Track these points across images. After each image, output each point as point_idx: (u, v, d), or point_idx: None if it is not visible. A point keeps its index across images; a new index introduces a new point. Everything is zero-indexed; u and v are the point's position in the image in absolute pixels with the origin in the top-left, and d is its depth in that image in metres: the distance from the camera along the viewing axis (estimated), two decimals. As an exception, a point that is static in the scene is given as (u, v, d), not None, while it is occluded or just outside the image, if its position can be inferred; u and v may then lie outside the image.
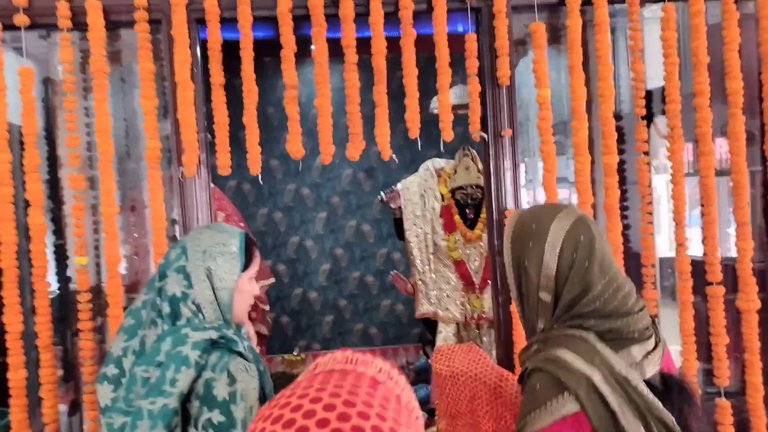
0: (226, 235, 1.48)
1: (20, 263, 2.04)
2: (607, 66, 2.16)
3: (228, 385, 1.34)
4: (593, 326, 1.27)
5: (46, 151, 2.31)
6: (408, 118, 2.13)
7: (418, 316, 3.67)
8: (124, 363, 1.37)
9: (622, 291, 1.30)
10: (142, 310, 1.42)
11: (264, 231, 5.87)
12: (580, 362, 1.22)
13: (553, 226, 1.34)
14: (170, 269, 1.43)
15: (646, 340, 1.30)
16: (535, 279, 1.34)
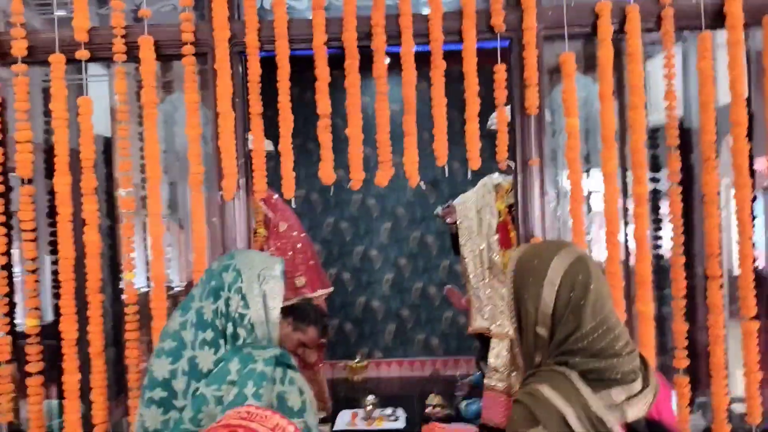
0: (271, 260, 1.59)
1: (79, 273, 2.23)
2: (639, 96, 2.16)
3: (299, 396, 1.47)
4: (577, 364, 1.30)
5: (104, 173, 2.51)
6: (436, 147, 2.20)
7: (471, 332, 3.70)
8: (174, 385, 1.40)
9: (611, 333, 1.32)
10: (182, 332, 1.44)
11: (330, 240, 6.03)
12: (557, 398, 1.25)
13: (553, 263, 1.37)
14: (227, 291, 1.47)
15: (629, 383, 1.32)
16: (534, 314, 1.37)
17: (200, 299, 1.48)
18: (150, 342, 2.30)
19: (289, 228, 3.66)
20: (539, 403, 1.26)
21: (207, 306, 1.47)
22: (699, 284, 2.55)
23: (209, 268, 1.54)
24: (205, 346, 1.43)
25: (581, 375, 1.29)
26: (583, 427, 1.22)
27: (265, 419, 0.75)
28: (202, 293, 1.49)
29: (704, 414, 2.41)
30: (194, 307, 1.47)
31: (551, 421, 1.23)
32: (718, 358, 2.14)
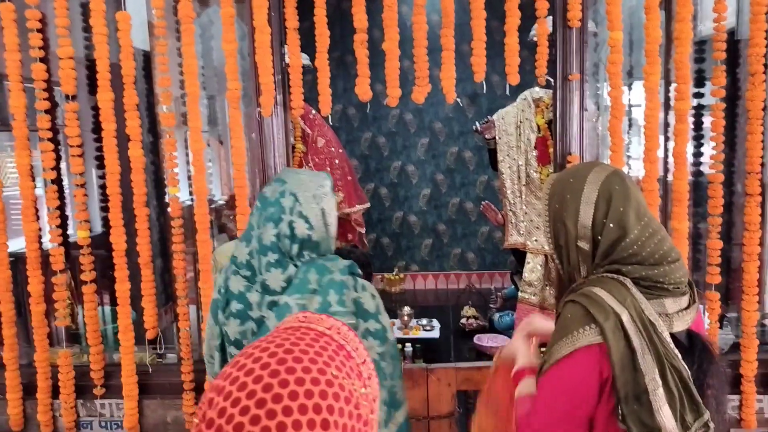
0: (321, 178, 1.65)
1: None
2: (686, 6, 2.07)
3: (372, 300, 1.58)
4: (630, 272, 1.33)
5: (145, 88, 2.55)
6: (474, 62, 2.16)
7: (507, 246, 3.74)
8: (249, 298, 1.53)
9: (657, 235, 1.34)
10: (252, 260, 1.55)
11: (367, 155, 6.06)
12: (611, 300, 1.29)
13: (589, 178, 1.40)
14: (288, 214, 1.55)
15: (680, 295, 1.35)
16: (573, 230, 1.40)
17: (259, 226, 1.55)
18: (195, 253, 2.40)
19: (326, 143, 3.69)
20: (594, 303, 1.30)
21: (266, 231, 1.54)
22: (737, 201, 2.52)
23: (263, 195, 1.60)
24: (271, 267, 1.52)
25: (634, 282, 1.33)
26: (636, 328, 1.27)
27: (320, 321, 0.81)
28: (259, 221, 1.56)
29: (734, 329, 2.44)
30: (255, 235, 1.55)
31: (607, 320, 1.27)
32: (751, 275, 2.15)
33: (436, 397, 2.34)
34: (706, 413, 1.25)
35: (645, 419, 1.24)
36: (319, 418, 0.65)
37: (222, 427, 0.65)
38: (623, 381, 1.26)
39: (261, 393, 0.65)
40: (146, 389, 2.41)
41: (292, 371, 0.68)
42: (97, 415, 2.43)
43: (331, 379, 0.69)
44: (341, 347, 0.76)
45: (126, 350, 2.34)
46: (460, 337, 4.12)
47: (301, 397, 0.66)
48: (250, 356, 0.70)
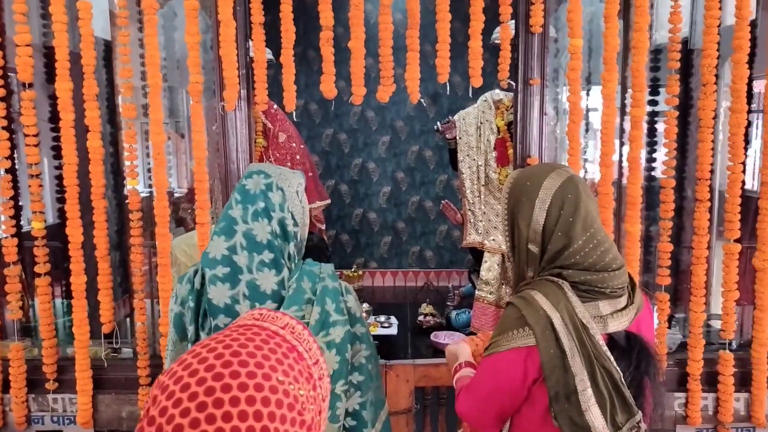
0: (299, 175, 1.60)
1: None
2: (643, 17, 2.14)
3: (356, 302, 1.56)
4: (570, 276, 1.41)
5: (105, 78, 2.50)
6: (438, 63, 2.19)
7: (465, 245, 3.80)
8: (238, 309, 1.40)
9: (601, 247, 1.41)
10: (233, 257, 1.43)
11: (328, 151, 6.06)
12: (545, 303, 1.36)
13: (545, 183, 1.45)
14: (279, 211, 1.46)
15: (617, 297, 1.42)
16: (525, 232, 1.47)
17: (245, 221, 1.44)
18: (153, 246, 2.37)
19: (288, 139, 3.67)
20: (529, 307, 1.38)
21: (259, 227, 1.44)
22: (688, 206, 2.62)
23: (243, 188, 1.49)
24: (264, 267, 1.42)
25: (573, 285, 1.39)
26: (567, 330, 1.33)
27: (275, 319, 0.81)
28: (245, 215, 1.45)
29: (682, 329, 2.53)
30: (240, 230, 1.44)
31: (538, 323, 1.35)
32: (698, 278, 2.24)
33: (395, 393, 2.37)
34: (637, 414, 1.32)
35: (575, 418, 1.31)
36: (259, 425, 0.65)
37: (162, 426, 0.65)
38: (553, 381, 1.33)
39: (203, 396, 0.65)
40: (101, 384, 2.37)
41: (236, 375, 0.68)
42: (49, 410, 2.38)
43: (276, 384, 0.69)
44: (292, 348, 0.76)
45: (80, 344, 2.30)
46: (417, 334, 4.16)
47: (243, 402, 0.66)
48: (197, 356, 0.70)
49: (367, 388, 1.56)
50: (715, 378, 2.29)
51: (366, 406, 1.56)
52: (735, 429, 2.30)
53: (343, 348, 1.46)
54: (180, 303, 1.48)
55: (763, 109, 2.18)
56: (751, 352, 2.27)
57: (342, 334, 1.46)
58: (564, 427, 1.32)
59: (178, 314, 1.48)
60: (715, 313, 2.55)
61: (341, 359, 1.46)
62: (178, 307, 1.48)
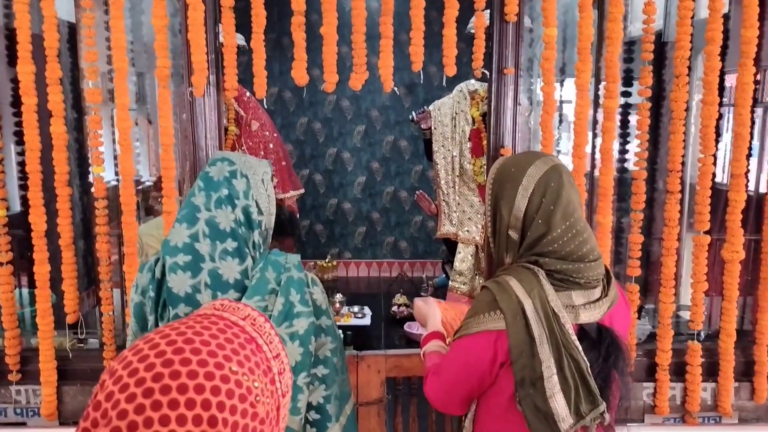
0: (265, 163, 1.56)
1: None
2: (617, 7, 2.13)
3: (322, 295, 1.53)
4: (546, 264, 1.41)
5: (69, 61, 2.43)
6: (412, 52, 2.16)
7: (439, 236, 3.80)
8: (199, 299, 1.37)
9: (579, 237, 1.41)
10: (195, 244, 1.39)
11: (303, 141, 6.00)
12: (519, 289, 1.37)
13: (529, 171, 1.45)
14: (243, 198, 1.43)
15: (591, 288, 1.42)
16: (507, 218, 1.47)
17: (208, 209, 1.41)
18: (120, 236, 2.32)
19: (261, 127, 3.62)
20: (502, 291, 1.39)
21: (222, 215, 1.40)
22: (660, 197, 2.63)
23: (206, 175, 1.46)
24: (227, 256, 1.39)
25: (548, 274, 1.39)
26: (537, 317, 1.34)
27: (236, 310, 0.78)
28: (207, 202, 1.42)
29: (651, 320, 2.55)
30: (202, 218, 1.40)
31: (509, 308, 1.36)
32: (668, 269, 2.25)
33: (366, 383, 2.36)
34: (601, 405, 1.33)
35: (539, 404, 1.32)
36: (207, 415, 0.63)
37: (107, 411, 0.63)
38: (520, 366, 1.34)
39: (150, 382, 0.63)
40: (66, 375, 2.32)
41: (187, 363, 0.65)
42: (11, 402, 2.32)
43: (228, 374, 0.66)
44: (251, 340, 0.73)
45: (44, 335, 2.24)
46: (390, 325, 4.16)
47: (191, 391, 0.63)
48: (149, 341, 0.68)
49: (332, 381, 1.54)
50: (683, 368, 2.31)
51: (330, 399, 1.54)
52: (702, 418, 2.32)
53: (307, 340, 1.44)
54: (140, 292, 1.44)
55: (734, 103, 2.18)
56: (719, 342, 2.29)
57: (306, 325, 1.44)
58: (527, 412, 1.32)
59: (139, 304, 1.44)
60: (684, 304, 2.57)
61: (304, 351, 1.44)
62: (139, 297, 1.44)
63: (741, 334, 2.34)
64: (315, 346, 1.49)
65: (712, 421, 2.33)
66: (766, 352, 2.29)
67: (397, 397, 2.48)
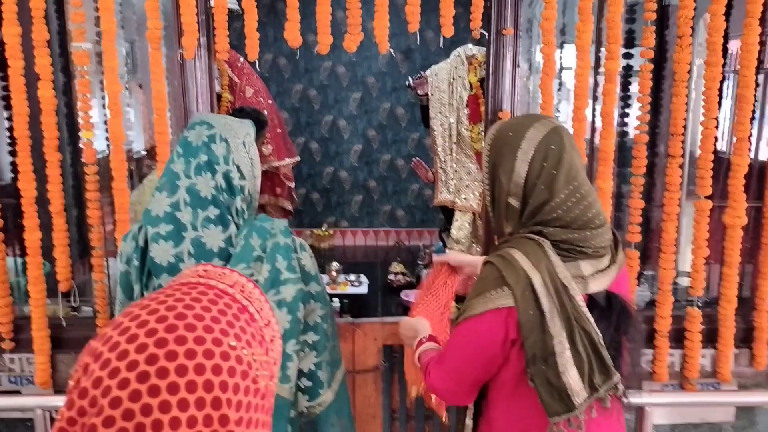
0: (245, 124, 1.51)
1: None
2: (619, -34, 2.07)
3: (310, 260, 1.49)
4: (551, 234, 1.35)
5: (57, 24, 2.37)
6: (408, 11, 2.10)
7: (436, 204, 3.76)
8: (182, 268, 1.35)
9: (584, 201, 1.35)
10: (176, 213, 1.37)
11: (298, 108, 5.92)
12: (526, 263, 1.31)
13: (528, 134, 1.38)
14: (224, 164, 1.39)
15: (599, 257, 1.37)
16: (506, 185, 1.40)
17: (188, 176, 1.38)
18: (112, 203, 2.28)
19: (255, 94, 3.56)
20: (509, 266, 1.32)
21: (203, 182, 1.37)
22: (660, 163, 2.59)
23: (185, 140, 1.42)
24: (210, 224, 1.36)
25: (554, 244, 1.34)
26: (547, 291, 1.28)
27: (223, 276, 0.73)
28: (187, 169, 1.38)
29: (650, 287, 2.54)
30: (183, 186, 1.37)
31: (518, 284, 1.30)
32: (669, 234, 2.22)
33: (362, 351, 2.34)
34: (615, 375, 1.29)
35: (552, 380, 1.27)
36: (210, 397, 0.58)
37: (96, 399, 0.57)
38: (531, 342, 1.28)
39: (144, 365, 0.57)
40: (59, 343, 2.30)
41: (183, 341, 0.59)
42: (6, 370, 2.31)
43: (228, 351, 0.61)
44: (243, 309, 0.68)
45: (36, 302, 2.22)
46: (387, 293, 4.14)
47: (191, 372, 0.58)
48: (136, 318, 0.61)
49: (323, 348, 1.52)
50: (682, 335, 2.30)
51: (322, 366, 1.51)
52: (701, 385, 2.32)
53: (295, 307, 1.41)
54: (125, 261, 1.42)
55: (739, 64, 2.13)
56: (718, 308, 2.27)
57: (294, 292, 1.41)
58: (540, 388, 1.28)
59: (124, 273, 1.42)
60: (683, 271, 2.55)
61: (292, 318, 1.41)
62: (124, 266, 1.42)
63: (740, 301, 2.32)
64: (304, 313, 1.46)
65: (711, 387, 2.32)
66: (765, 319, 2.28)
67: (394, 365, 2.47)
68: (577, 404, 1.26)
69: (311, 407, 1.53)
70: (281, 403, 1.43)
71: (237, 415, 0.60)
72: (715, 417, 2.36)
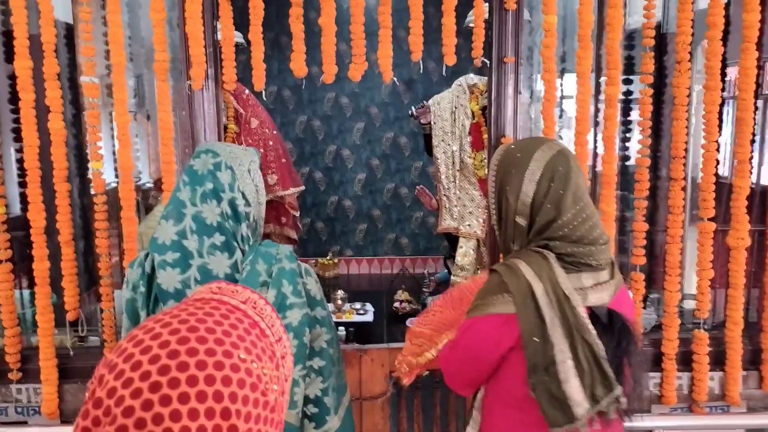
0: (250, 152, 1.54)
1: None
2: (618, -7, 2.11)
3: (316, 285, 1.51)
4: (556, 247, 1.38)
5: (67, 58, 2.42)
6: (411, 40, 2.14)
7: (440, 231, 3.78)
8: (188, 294, 1.35)
9: (589, 221, 1.39)
10: (183, 241, 1.39)
11: (302, 138, 5.99)
12: (529, 272, 1.34)
13: (536, 156, 1.42)
14: (229, 191, 1.41)
15: (600, 270, 1.40)
16: (514, 204, 1.44)
17: (194, 204, 1.40)
18: (120, 234, 2.30)
19: (260, 124, 3.61)
20: (512, 274, 1.36)
21: (209, 210, 1.39)
22: (662, 186, 2.61)
23: (191, 168, 1.45)
24: (216, 251, 1.38)
25: (558, 257, 1.36)
26: (548, 300, 1.31)
27: (235, 293, 0.75)
28: (193, 197, 1.41)
29: (656, 309, 2.53)
30: (189, 213, 1.40)
31: (519, 291, 1.33)
32: (673, 257, 2.23)
33: (370, 377, 2.34)
34: (617, 388, 1.29)
35: (553, 390, 1.28)
36: (220, 407, 0.60)
37: (111, 409, 0.59)
38: (531, 351, 1.30)
39: (156, 375, 0.59)
40: (66, 373, 2.30)
41: (194, 353, 0.61)
42: (13, 401, 2.30)
43: (238, 363, 0.63)
44: (254, 324, 0.70)
45: (44, 332, 2.23)
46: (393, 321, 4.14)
47: (201, 382, 0.60)
48: (150, 331, 0.63)
49: (329, 373, 1.52)
50: (689, 357, 2.29)
51: (328, 392, 1.51)
52: (709, 408, 2.30)
53: (301, 331, 1.42)
54: (131, 288, 1.43)
55: (738, 88, 2.16)
56: (725, 331, 2.27)
57: (299, 317, 1.42)
58: (542, 399, 1.29)
59: (131, 299, 1.43)
60: (689, 293, 2.55)
61: (299, 343, 1.42)
62: (130, 293, 1.43)
63: (747, 324, 2.31)
64: (310, 338, 1.47)
65: (719, 410, 2.30)
66: (773, 340, 2.27)
67: (401, 391, 2.45)
68: (578, 415, 1.26)
69: None
70: (288, 429, 1.43)
71: (246, 426, 0.62)
72: (725, 440, 2.34)
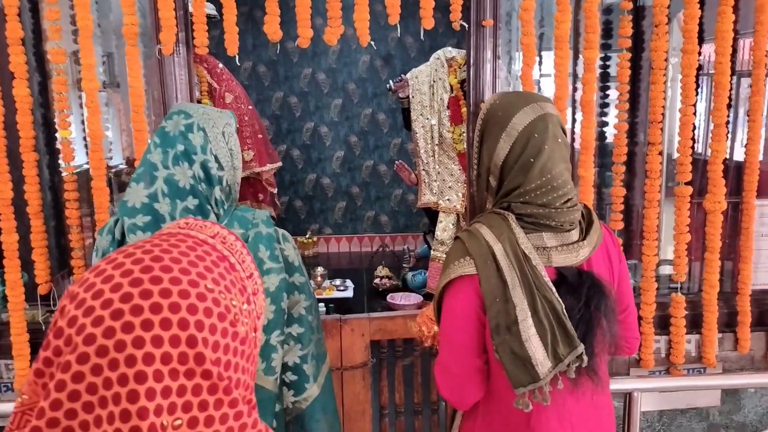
0: (225, 114, 1.50)
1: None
2: (595, -45, 2.09)
3: (294, 251, 1.48)
4: (517, 207, 1.39)
5: (32, 23, 2.34)
6: (388, 3, 2.10)
7: (420, 206, 3.77)
8: None
9: (555, 192, 1.38)
10: (154, 204, 1.36)
11: (279, 115, 5.91)
12: (489, 235, 1.35)
13: (515, 119, 1.40)
14: (201, 153, 1.38)
15: (565, 231, 1.39)
16: (487, 163, 1.44)
17: (166, 166, 1.36)
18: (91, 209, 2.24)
19: (235, 99, 3.54)
20: (473, 238, 1.37)
21: (181, 172, 1.36)
22: (640, 152, 2.61)
23: (162, 130, 1.41)
24: (189, 215, 1.35)
25: (518, 217, 1.36)
26: (508, 261, 1.31)
27: (204, 228, 0.73)
28: (165, 159, 1.37)
29: (633, 275, 2.54)
30: (161, 176, 1.36)
31: (480, 254, 1.33)
32: (651, 221, 2.24)
33: (350, 347, 2.32)
34: (579, 346, 1.29)
35: (515, 349, 1.28)
36: (185, 335, 0.58)
37: (72, 338, 0.58)
38: (494, 312, 1.30)
39: (119, 303, 0.58)
40: (39, 348, 2.24)
41: (158, 281, 0.60)
42: (-17, 378, 2.25)
43: (204, 292, 0.62)
44: (223, 258, 0.68)
45: (15, 306, 2.17)
46: (373, 296, 4.13)
47: (166, 310, 0.59)
48: (112, 261, 0.62)
49: (308, 340, 1.49)
50: (666, 321, 2.30)
51: (307, 359, 1.49)
52: (686, 370, 2.32)
53: (278, 297, 1.39)
54: (101, 256, 1.39)
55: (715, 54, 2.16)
56: (702, 294, 2.28)
57: (277, 282, 1.39)
58: (504, 358, 1.29)
59: None
60: (666, 259, 2.56)
61: (276, 308, 1.39)
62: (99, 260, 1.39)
63: (723, 288, 2.33)
64: (288, 304, 1.45)
65: (696, 372, 2.33)
66: (748, 302, 2.29)
67: (382, 361, 2.45)
68: (541, 374, 1.26)
69: (297, 402, 1.50)
70: (266, 396, 1.40)
71: (214, 356, 0.60)
72: (701, 402, 2.37)
